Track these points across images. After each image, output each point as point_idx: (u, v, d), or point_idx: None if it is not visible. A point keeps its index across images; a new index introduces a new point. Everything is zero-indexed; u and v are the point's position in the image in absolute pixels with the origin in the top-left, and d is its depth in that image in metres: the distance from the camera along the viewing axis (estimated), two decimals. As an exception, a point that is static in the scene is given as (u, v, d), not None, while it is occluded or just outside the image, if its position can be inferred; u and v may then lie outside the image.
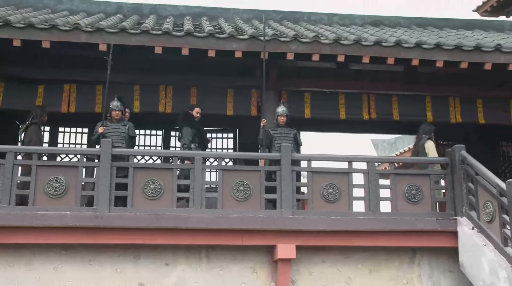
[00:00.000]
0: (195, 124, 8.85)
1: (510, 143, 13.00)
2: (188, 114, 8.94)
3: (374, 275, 8.09)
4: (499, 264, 6.83)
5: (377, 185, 7.98)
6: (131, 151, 7.94)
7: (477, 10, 19.15)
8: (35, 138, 8.67)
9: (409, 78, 9.77)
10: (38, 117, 8.83)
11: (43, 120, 8.96)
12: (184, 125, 8.84)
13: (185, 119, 8.91)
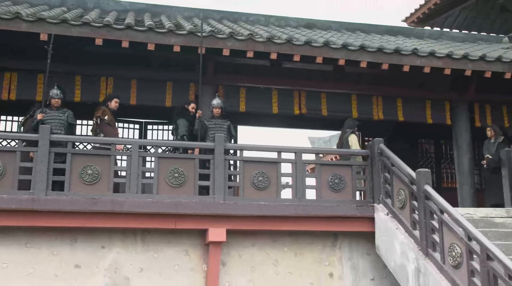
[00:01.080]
0: (190, 117, 9.06)
1: (428, 141, 13.69)
2: (184, 108, 9.19)
3: (299, 257, 8.38)
4: (409, 246, 7.24)
5: (304, 174, 8.26)
6: (68, 137, 7.88)
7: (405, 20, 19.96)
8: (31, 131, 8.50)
9: (337, 77, 10.10)
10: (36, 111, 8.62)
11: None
12: (180, 117, 9.06)
13: (181, 113, 9.14)
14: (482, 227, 7.95)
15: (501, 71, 9.61)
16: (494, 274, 5.64)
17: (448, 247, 6.48)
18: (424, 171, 7.16)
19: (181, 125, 8.99)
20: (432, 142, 13.61)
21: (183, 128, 8.94)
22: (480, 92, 10.48)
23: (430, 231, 6.89)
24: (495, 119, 10.59)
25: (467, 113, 10.47)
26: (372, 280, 8.47)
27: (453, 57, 9.41)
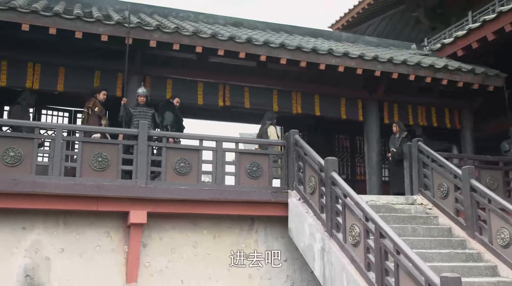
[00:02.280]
0: (175, 111, 9.35)
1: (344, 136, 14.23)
2: (169, 102, 9.49)
3: (217, 240, 8.53)
4: (316, 228, 7.54)
5: (223, 161, 8.40)
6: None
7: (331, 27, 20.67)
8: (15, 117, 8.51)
9: (260, 73, 10.30)
10: (25, 99, 8.85)
11: (29, 103, 9.00)
12: (165, 110, 9.30)
13: (166, 106, 9.40)
14: (383, 212, 8.42)
15: (406, 73, 10.18)
16: (385, 250, 6.01)
17: (349, 227, 6.83)
18: (332, 159, 7.48)
19: (167, 118, 9.24)
20: (348, 138, 14.17)
21: (167, 120, 9.20)
22: (389, 92, 11.01)
23: (335, 213, 7.21)
24: (402, 117, 11.16)
25: (377, 111, 10.98)
26: (285, 261, 8.73)
27: (364, 58, 9.88)
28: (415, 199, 9.14)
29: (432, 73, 10.32)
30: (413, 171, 9.40)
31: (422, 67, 10.23)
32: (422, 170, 9.27)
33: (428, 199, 9.02)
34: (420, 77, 10.30)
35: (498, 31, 9.94)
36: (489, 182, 9.84)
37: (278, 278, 8.66)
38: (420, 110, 11.46)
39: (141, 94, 8.68)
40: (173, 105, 9.55)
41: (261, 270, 8.60)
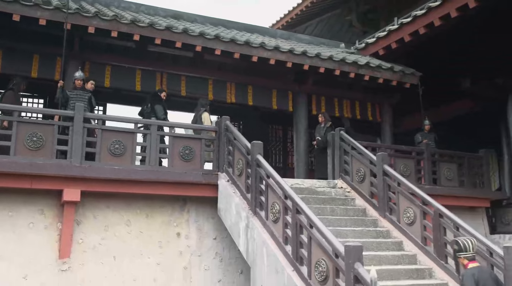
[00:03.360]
0: (163, 103, 9.74)
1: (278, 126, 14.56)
2: (156, 94, 9.81)
3: (150, 219, 8.60)
4: (242, 206, 7.77)
5: (157, 144, 8.46)
6: None
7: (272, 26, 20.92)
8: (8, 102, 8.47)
9: (197, 63, 10.35)
10: (16, 84, 8.97)
11: (20, 88, 9.15)
12: (156, 103, 9.67)
13: (155, 99, 9.74)
14: (306, 194, 8.76)
15: (332, 68, 10.56)
16: (301, 225, 6.31)
17: (271, 205, 7.10)
18: (257, 143, 7.71)
19: (159, 110, 9.59)
20: (281, 128, 14.50)
21: (161, 112, 9.57)
22: (317, 85, 11.35)
23: (259, 193, 7.47)
24: (328, 109, 11.53)
25: (306, 103, 11.28)
26: (215, 239, 8.93)
27: (294, 52, 10.16)
28: (336, 183, 9.54)
29: (355, 69, 10.75)
30: (335, 157, 9.81)
31: (347, 63, 10.64)
32: (343, 157, 9.69)
33: (348, 183, 9.44)
34: (344, 72, 10.69)
35: (414, 33, 10.48)
36: (403, 170, 10.39)
37: (207, 255, 8.84)
38: (345, 103, 11.88)
39: (77, 78, 8.58)
40: (160, 98, 9.80)
41: (191, 247, 8.76)
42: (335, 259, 5.58)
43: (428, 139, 11.31)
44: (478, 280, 5.03)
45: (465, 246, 5.35)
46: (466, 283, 5.10)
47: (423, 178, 10.80)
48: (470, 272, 5.14)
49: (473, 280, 5.02)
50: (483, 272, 5.23)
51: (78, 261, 7.96)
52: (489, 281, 5.12)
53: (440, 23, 9.94)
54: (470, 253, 5.30)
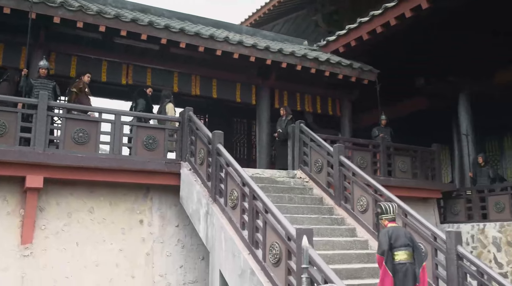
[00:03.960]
0: (147, 98, 9.99)
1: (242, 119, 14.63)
2: (143, 90, 10.01)
3: (113, 206, 8.57)
4: (203, 194, 7.84)
5: (121, 133, 8.42)
6: None
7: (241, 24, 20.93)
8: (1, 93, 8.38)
9: (163, 56, 10.29)
10: (10, 76, 8.92)
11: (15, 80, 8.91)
12: (139, 97, 9.92)
13: (140, 94, 9.96)
14: (266, 183, 8.88)
15: (294, 63, 10.69)
16: (257, 210, 6.41)
17: (230, 192, 7.19)
18: (218, 132, 7.79)
19: (140, 104, 9.82)
20: (245, 121, 14.57)
21: (140, 106, 9.79)
22: (280, 80, 11.44)
23: (218, 181, 7.54)
24: (291, 103, 11.65)
25: (268, 97, 11.37)
26: (177, 226, 8.96)
27: (257, 47, 10.24)
28: (295, 174, 9.69)
29: (316, 65, 10.90)
30: (295, 149, 9.96)
31: (308, 59, 10.78)
32: (302, 148, 9.85)
33: (306, 174, 9.60)
34: (306, 67, 10.83)
35: (372, 32, 10.71)
36: (359, 162, 10.61)
37: (170, 242, 8.87)
38: (307, 98, 12.02)
39: (42, 67, 8.45)
40: (145, 93, 10.02)
41: (154, 234, 8.77)
42: (288, 242, 5.71)
43: (384, 133, 11.57)
44: (391, 235, 5.70)
45: (386, 209, 6.02)
46: (381, 237, 5.78)
47: (379, 170, 11.05)
48: (386, 229, 5.84)
49: (387, 236, 5.69)
50: (397, 230, 5.87)
51: (40, 247, 7.88)
52: (401, 236, 5.75)
53: (395, 23, 10.20)
54: (390, 215, 5.99)
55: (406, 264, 5.60)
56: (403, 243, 5.68)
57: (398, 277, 5.55)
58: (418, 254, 5.74)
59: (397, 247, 5.65)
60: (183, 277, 8.81)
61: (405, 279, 5.54)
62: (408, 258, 5.65)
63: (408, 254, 5.66)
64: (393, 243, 5.67)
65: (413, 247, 5.75)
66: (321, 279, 5.07)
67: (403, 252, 5.64)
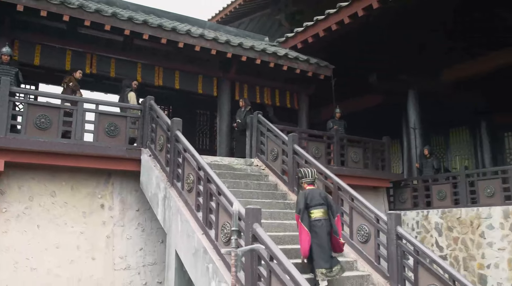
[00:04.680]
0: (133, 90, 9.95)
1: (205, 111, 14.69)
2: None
3: (75, 190, 8.52)
4: (161, 179, 7.88)
5: (83, 119, 8.35)
6: None
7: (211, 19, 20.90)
8: None
9: (127, 47, 10.26)
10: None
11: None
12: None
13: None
14: (224, 170, 8.99)
15: (253, 57, 10.80)
16: (211, 193, 6.50)
17: (186, 176, 7.25)
18: (177, 120, 7.83)
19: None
20: (208, 113, 14.63)
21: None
22: (240, 73, 11.54)
23: (176, 166, 7.59)
24: (251, 95, 11.77)
25: (229, 89, 11.46)
26: (137, 211, 8.97)
27: (218, 41, 10.31)
28: (252, 161, 9.82)
29: (275, 59, 11.05)
30: (252, 138, 10.09)
31: (267, 53, 10.91)
32: (260, 138, 9.99)
33: (263, 162, 9.75)
34: (265, 61, 10.96)
35: (327, 29, 10.94)
36: (314, 152, 10.83)
37: (130, 226, 8.88)
38: (266, 91, 12.16)
39: (4, 53, 8.30)
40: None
41: (114, 218, 8.76)
42: (238, 221, 5.81)
43: (338, 125, 11.84)
44: (308, 196, 6.40)
45: (306, 174, 6.79)
46: (298, 198, 6.48)
47: (333, 160, 11.29)
48: (304, 191, 6.58)
49: (304, 197, 6.39)
50: (313, 191, 6.57)
51: (1, 229, 7.80)
52: (316, 196, 6.45)
53: (349, 21, 10.44)
54: (309, 179, 6.76)
55: (321, 220, 6.33)
56: (318, 202, 6.39)
57: (315, 231, 6.24)
58: (332, 211, 6.50)
59: (313, 206, 6.35)
60: (142, 259, 8.84)
61: (321, 232, 6.26)
62: (323, 215, 6.37)
63: (323, 211, 6.38)
64: (309, 202, 6.36)
65: (328, 205, 6.48)
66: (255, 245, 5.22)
67: (318, 210, 6.36)
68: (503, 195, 10.22)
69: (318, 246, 6.23)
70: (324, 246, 6.26)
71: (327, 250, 6.29)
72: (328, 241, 6.33)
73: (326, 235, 6.30)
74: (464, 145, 15.47)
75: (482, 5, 10.25)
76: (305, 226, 6.21)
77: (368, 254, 7.22)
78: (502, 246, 9.89)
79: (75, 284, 8.15)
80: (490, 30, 11.21)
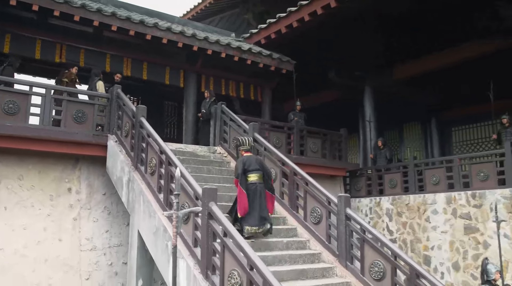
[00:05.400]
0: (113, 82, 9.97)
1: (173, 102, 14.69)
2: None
3: (42, 174, 8.47)
4: (126, 163, 7.92)
5: (51, 106, 8.30)
6: None
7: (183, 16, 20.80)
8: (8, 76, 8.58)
9: (96, 38, 10.14)
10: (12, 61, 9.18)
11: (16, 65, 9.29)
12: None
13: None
14: (188, 156, 9.09)
15: (219, 51, 10.89)
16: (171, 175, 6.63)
17: (149, 160, 7.32)
18: (142, 107, 7.89)
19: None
20: (176, 104, 14.63)
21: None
22: (206, 66, 11.59)
23: (140, 151, 7.66)
24: (216, 87, 11.85)
25: (195, 81, 11.51)
26: (104, 195, 8.97)
27: (185, 34, 10.36)
28: (215, 149, 9.93)
29: (239, 53, 11.17)
30: (216, 128, 10.21)
31: (231, 47, 11.02)
32: (223, 127, 10.11)
33: (226, 149, 9.88)
34: (229, 55, 11.06)
35: (289, 26, 11.11)
36: (275, 142, 11.02)
37: (96, 209, 8.88)
38: (231, 83, 12.27)
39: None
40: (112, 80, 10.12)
41: (81, 201, 8.75)
42: (195, 201, 5.97)
43: (299, 117, 12.06)
44: (245, 162, 6.89)
45: (243, 142, 7.28)
46: (237, 164, 6.93)
47: (292, 149, 11.50)
48: (242, 158, 7.04)
49: (242, 163, 6.87)
50: (250, 158, 7.06)
51: (-33, 211, 7.68)
52: (253, 163, 6.94)
53: (309, 19, 10.63)
54: (246, 146, 7.21)
55: (256, 184, 6.84)
56: (255, 168, 6.90)
57: (251, 192, 6.74)
58: (267, 175, 7.06)
59: (250, 171, 6.85)
60: (108, 241, 8.85)
61: (256, 194, 6.76)
62: (258, 179, 6.89)
63: (258, 176, 6.90)
64: (247, 168, 6.84)
65: (263, 171, 7.02)
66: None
67: (254, 174, 6.87)
68: (447, 183, 10.65)
69: (251, 206, 6.69)
70: (256, 207, 6.72)
71: (259, 211, 6.73)
72: (261, 203, 6.79)
73: (259, 197, 6.78)
74: (416, 138, 15.99)
75: (431, 7, 10.60)
76: (243, 188, 6.66)
77: (320, 234, 7.45)
78: (445, 229, 10.33)
79: (42, 264, 8.12)
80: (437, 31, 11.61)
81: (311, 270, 6.68)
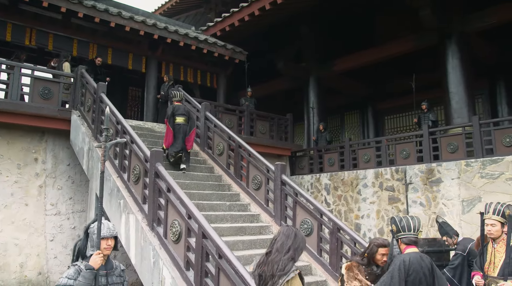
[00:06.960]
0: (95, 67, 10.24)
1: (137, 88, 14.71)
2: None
3: (10, 145, 8.47)
4: (87, 134, 8.05)
5: (19, 82, 8.30)
6: None
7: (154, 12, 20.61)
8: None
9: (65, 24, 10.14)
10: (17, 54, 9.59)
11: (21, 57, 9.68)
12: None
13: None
14: (146, 132, 9.27)
15: (177, 40, 11.06)
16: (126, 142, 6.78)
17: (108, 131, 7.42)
18: (102, 84, 8.01)
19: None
20: (139, 90, 14.67)
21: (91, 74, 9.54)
22: (167, 54, 11.75)
23: (100, 123, 7.79)
24: (175, 74, 12.04)
25: (156, 67, 11.63)
26: (68, 165, 9.05)
27: (146, 23, 10.48)
28: (172, 127, 10.11)
29: (196, 43, 11.38)
30: (174, 108, 10.35)
31: (189, 37, 11.22)
32: (180, 108, 10.27)
33: (181, 127, 10.05)
34: (187, 44, 11.27)
35: (241, 20, 11.40)
36: (228, 123, 11.30)
37: (61, 178, 8.95)
38: (189, 71, 12.47)
39: None
40: (95, 65, 10.29)
41: (47, 170, 8.80)
42: (145, 163, 6.20)
43: (249, 102, 12.37)
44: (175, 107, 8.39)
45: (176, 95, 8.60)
46: (167, 108, 8.48)
47: (243, 130, 11.82)
48: (172, 106, 8.50)
49: (172, 107, 8.43)
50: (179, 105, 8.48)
51: None
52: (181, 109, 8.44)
53: (259, 13, 10.94)
54: (177, 98, 8.61)
55: (181, 125, 8.24)
56: (181, 113, 8.32)
57: (176, 131, 8.14)
58: (191, 121, 8.45)
59: (177, 115, 8.28)
60: (71, 207, 8.95)
61: (179, 132, 8.15)
62: (183, 121, 8.28)
63: (183, 119, 8.30)
64: (175, 112, 8.27)
65: (188, 116, 8.40)
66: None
67: (180, 117, 8.29)
68: (376, 161, 11.25)
69: (174, 140, 8.08)
70: (179, 141, 8.10)
71: (180, 144, 8.09)
72: (182, 138, 8.14)
73: (181, 134, 8.18)
74: (355, 125, 16.63)
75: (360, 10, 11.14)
76: (170, 127, 8.11)
77: (259, 198, 7.82)
78: (373, 200, 10.93)
79: (9, 226, 8.16)
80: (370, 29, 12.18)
81: (249, 228, 7.04)
